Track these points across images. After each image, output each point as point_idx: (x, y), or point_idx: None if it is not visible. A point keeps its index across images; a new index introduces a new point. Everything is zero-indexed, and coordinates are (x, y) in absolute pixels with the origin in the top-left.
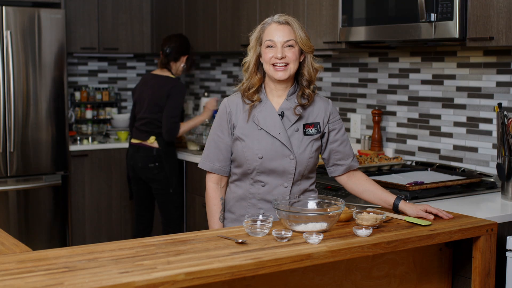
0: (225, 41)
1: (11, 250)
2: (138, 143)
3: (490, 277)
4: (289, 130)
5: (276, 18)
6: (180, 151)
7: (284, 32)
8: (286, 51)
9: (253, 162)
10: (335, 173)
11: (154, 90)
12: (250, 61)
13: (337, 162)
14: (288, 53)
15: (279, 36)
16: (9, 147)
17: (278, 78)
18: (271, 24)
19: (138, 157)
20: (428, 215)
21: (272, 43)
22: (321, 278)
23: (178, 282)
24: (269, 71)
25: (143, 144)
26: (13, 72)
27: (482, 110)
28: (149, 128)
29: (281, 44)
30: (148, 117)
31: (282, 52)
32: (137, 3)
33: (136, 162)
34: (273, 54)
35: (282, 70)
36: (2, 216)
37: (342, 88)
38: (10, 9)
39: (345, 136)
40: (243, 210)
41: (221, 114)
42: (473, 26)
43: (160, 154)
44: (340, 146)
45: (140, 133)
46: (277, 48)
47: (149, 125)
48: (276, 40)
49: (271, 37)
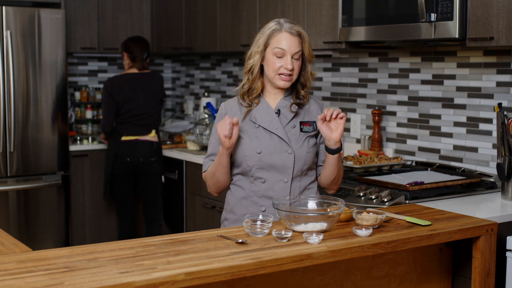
0: (225, 41)
1: (11, 250)
2: (134, 139)
3: (490, 277)
4: (286, 126)
5: (287, 28)
6: (180, 151)
7: (295, 43)
8: (294, 63)
9: (252, 158)
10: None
11: (150, 85)
12: (255, 65)
13: (321, 164)
14: (295, 65)
15: (291, 46)
16: (9, 147)
17: (281, 86)
18: (282, 32)
19: (138, 152)
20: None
21: (282, 53)
22: (321, 278)
23: (178, 282)
24: (273, 78)
25: (141, 139)
26: (13, 72)
27: (482, 110)
28: (149, 122)
29: (291, 55)
30: (148, 112)
31: (292, 63)
32: (137, 3)
33: (136, 158)
34: (282, 64)
35: (287, 80)
36: (2, 216)
37: (342, 88)
38: (10, 9)
39: None
40: (245, 210)
41: (219, 118)
42: (473, 26)
43: (159, 147)
44: None
45: (138, 128)
46: (286, 58)
47: (150, 119)
48: (287, 51)
49: (282, 46)
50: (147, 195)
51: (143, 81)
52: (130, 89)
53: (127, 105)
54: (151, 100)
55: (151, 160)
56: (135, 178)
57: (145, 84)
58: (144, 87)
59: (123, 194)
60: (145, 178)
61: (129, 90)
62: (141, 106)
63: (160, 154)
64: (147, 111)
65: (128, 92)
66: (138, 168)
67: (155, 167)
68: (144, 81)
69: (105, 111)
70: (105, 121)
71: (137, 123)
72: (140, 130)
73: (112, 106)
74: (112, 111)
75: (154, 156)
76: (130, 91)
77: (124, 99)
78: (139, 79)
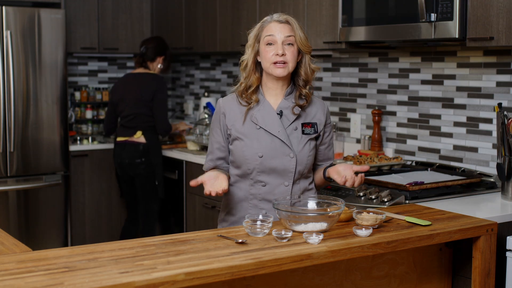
0: (225, 41)
1: (11, 250)
2: (124, 140)
3: (490, 277)
4: (288, 128)
5: (276, 17)
6: (180, 151)
7: (284, 29)
8: (286, 49)
9: (253, 162)
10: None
11: (138, 87)
12: (248, 59)
13: (318, 163)
14: (287, 52)
15: (279, 32)
16: (9, 147)
17: (277, 74)
18: (271, 22)
19: (125, 154)
20: (353, 176)
21: (272, 39)
22: (321, 278)
23: (178, 282)
24: (269, 68)
25: (129, 140)
26: (13, 72)
27: (482, 110)
28: (135, 124)
29: (281, 40)
30: (134, 113)
31: (283, 49)
32: (137, 3)
33: (123, 159)
34: (273, 51)
35: (281, 67)
36: (2, 216)
37: (342, 88)
38: (10, 9)
39: (332, 140)
40: (244, 212)
41: (215, 115)
42: (473, 26)
43: (146, 149)
44: (326, 149)
45: (126, 129)
46: (277, 45)
47: (136, 120)
48: (277, 36)
49: (270, 33)
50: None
51: (136, 82)
52: (124, 89)
53: (120, 105)
54: (139, 101)
55: (136, 162)
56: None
57: (137, 85)
58: (134, 88)
59: (125, 194)
60: (135, 180)
61: (123, 90)
62: (129, 107)
63: (148, 155)
64: (133, 112)
65: (121, 92)
66: (126, 169)
67: (142, 169)
68: (137, 82)
69: (106, 111)
70: (104, 121)
71: (126, 125)
72: (128, 131)
73: (110, 106)
74: (109, 111)
75: (140, 158)
76: (123, 91)
77: (117, 100)
78: (134, 79)
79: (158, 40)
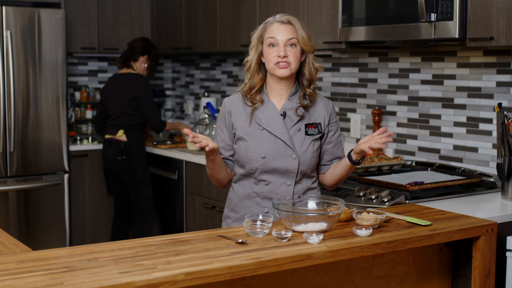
0: (225, 41)
1: (11, 250)
2: (109, 138)
3: (490, 277)
4: (291, 130)
5: (278, 18)
6: (180, 151)
7: (286, 31)
8: (288, 51)
9: (256, 162)
10: (320, 171)
11: (120, 86)
12: (252, 60)
13: (326, 163)
14: (289, 53)
15: (281, 34)
16: (9, 147)
17: (280, 75)
18: (274, 23)
19: (110, 151)
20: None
21: (274, 41)
22: (321, 278)
23: (178, 282)
24: (272, 69)
25: (113, 138)
26: (13, 72)
27: (482, 110)
28: (119, 122)
29: (283, 42)
30: (117, 112)
31: (285, 51)
32: (137, 3)
33: (108, 156)
34: (276, 53)
35: (284, 67)
36: (2, 216)
37: (342, 88)
38: (10, 9)
39: (339, 138)
40: (247, 210)
41: (221, 114)
42: (473, 26)
43: (127, 147)
44: (333, 148)
45: (112, 128)
46: (279, 46)
47: (119, 119)
48: (279, 39)
49: (273, 35)
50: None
51: (119, 82)
52: (110, 89)
53: (107, 104)
54: (122, 100)
55: (117, 159)
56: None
57: (120, 85)
58: (118, 88)
59: (113, 189)
60: (122, 176)
61: (109, 90)
62: (114, 106)
63: (129, 153)
64: (116, 111)
65: (108, 92)
66: (111, 165)
67: (124, 166)
68: (120, 82)
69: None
70: (95, 118)
71: (111, 123)
72: (113, 129)
73: (99, 104)
74: (99, 109)
75: (121, 156)
76: (109, 91)
77: (104, 99)
78: (118, 79)
79: (142, 40)
